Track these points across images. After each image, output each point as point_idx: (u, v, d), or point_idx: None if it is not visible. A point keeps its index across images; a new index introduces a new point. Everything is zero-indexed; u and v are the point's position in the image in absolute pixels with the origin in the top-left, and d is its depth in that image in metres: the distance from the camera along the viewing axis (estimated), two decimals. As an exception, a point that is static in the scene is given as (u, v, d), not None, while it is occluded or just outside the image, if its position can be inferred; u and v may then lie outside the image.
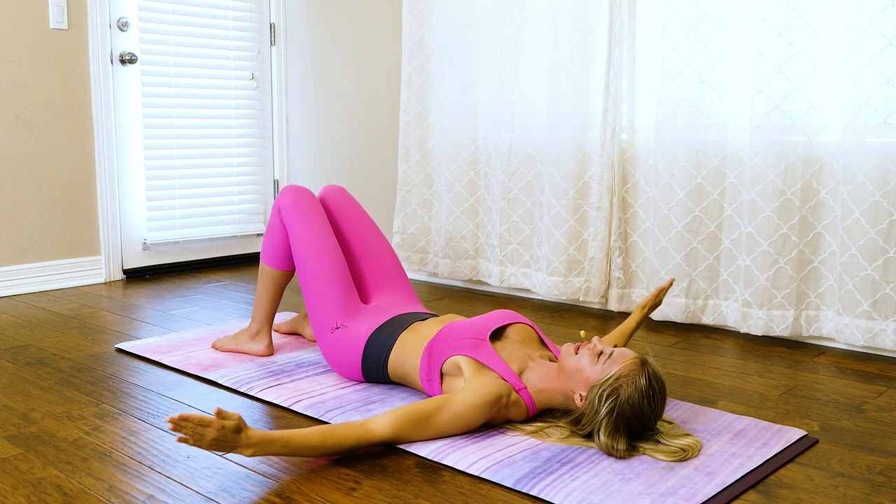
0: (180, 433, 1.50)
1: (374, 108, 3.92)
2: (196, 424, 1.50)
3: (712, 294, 2.86)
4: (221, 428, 1.53)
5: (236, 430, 1.54)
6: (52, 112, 3.50)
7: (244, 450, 1.57)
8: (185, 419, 1.49)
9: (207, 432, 1.51)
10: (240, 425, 1.55)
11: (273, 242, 2.37)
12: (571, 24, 3.05)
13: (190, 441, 1.51)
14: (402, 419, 1.73)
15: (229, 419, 1.53)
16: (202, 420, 1.51)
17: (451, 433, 1.79)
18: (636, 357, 1.74)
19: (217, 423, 1.52)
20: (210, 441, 1.52)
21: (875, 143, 2.44)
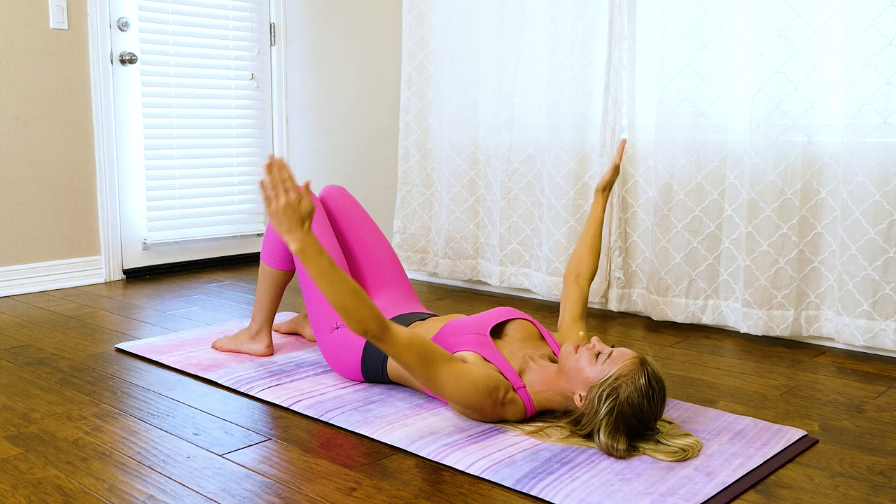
0: (268, 178, 1.60)
1: (374, 108, 3.92)
2: (285, 180, 1.60)
3: (712, 294, 2.86)
4: (298, 202, 1.61)
5: (307, 215, 1.63)
6: (52, 112, 3.50)
7: (297, 239, 1.63)
8: (281, 169, 1.61)
9: (287, 195, 1.60)
10: (310, 215, 1.63)
11: (273, 242, 2.37)
12: (571, 24, 3.05)
13: (265, 192, 1.61)
14: (417, 340, 1.73)
15: (309, 203, 1.62)
16: (289, 180, 1.61)
17: (443, 390, 1.78)
18: (635, 357, 1.74)
19: (297, 195, 1.61)
20: (282, 205, 1.61)
21: (875, 143, 2.44)
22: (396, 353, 1.72)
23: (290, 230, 1.62)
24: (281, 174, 1.61)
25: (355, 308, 1.65)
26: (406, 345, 1.71)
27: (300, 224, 1.63)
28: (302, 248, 1.63)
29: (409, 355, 1.72)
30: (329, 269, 1.64)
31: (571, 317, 2.17)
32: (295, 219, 1.62)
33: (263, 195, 1.61)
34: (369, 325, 1.67)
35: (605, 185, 2.30)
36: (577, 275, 2.22)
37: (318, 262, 1.64)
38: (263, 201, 1.62)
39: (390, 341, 1.70)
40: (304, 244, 1.63)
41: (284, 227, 1.62)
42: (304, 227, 1.63)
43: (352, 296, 1.65)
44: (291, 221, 1.62)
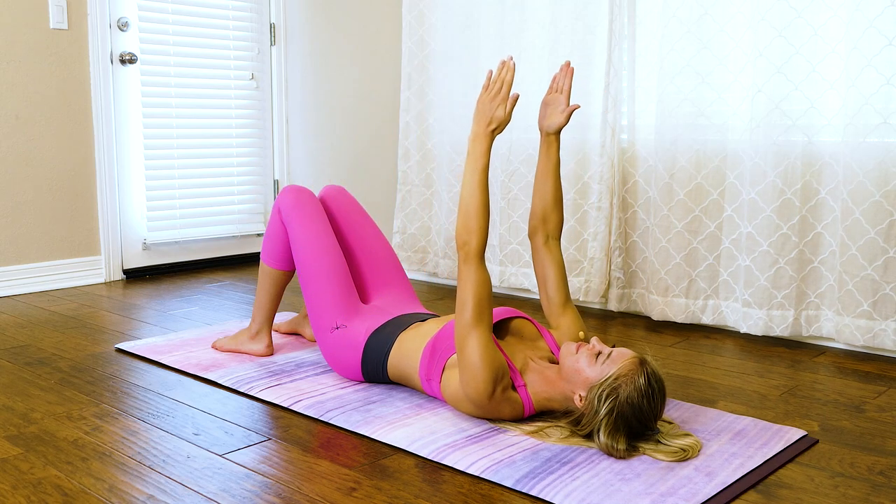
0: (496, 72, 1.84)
1: (374, 108, 3.92)
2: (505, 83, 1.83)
3: (712, 294, 2.86)
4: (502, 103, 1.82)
5: (497, 123, 1.83)
6: (52, 112, 3.50)
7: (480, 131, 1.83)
8: (509, 72, 1.83)
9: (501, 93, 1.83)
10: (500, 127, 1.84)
11: (273, 242, 2.37)
12: (571, 24, 3.05)
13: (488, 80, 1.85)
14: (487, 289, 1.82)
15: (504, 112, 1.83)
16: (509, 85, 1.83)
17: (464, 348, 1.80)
18: (635, 357, 1.74)
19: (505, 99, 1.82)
20: (493, 96, 1.83)
21: (875, 143, 2.44)
22: (467, 281, 1.80)
23: (481, 122, 1.83)
24: (505, 77, 1.82)
25: (477, 217, 1.80)
26: (479, 283, 1.80)
27: (488, 122, 1.82)
28: (476, 137, 1.82)
29: (473, 293, 1.80)
30: (482, 172, 1.81)
31: (560, 301, 2.07)
32: (491, 113, 1.82)
33: (484, 83, 1.84)
34: (474, 240, 1.81)
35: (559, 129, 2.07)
36: (546, 235, 2.08)
37: (481, 159, 1.82)
38: (482, 87, 1.84)
39: (472, 267, 1.80)
40: (481, 138, 1.82)
41: (480, 117, 1.83)
42: (490, 126, 1.82)
43: (482, 206, 1.80)
44: (488, 115, 1.82)
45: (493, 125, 1.83)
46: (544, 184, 2.08)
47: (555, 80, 2.09)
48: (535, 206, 2.10)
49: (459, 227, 1.81)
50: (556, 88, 2.08)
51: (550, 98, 2.07)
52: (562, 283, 2.07)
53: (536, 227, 2.09)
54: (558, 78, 2.08)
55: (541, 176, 2.09)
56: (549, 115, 2.07)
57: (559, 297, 2.07)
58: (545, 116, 2.07)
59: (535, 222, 2.10)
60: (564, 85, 2.07)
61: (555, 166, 2.08)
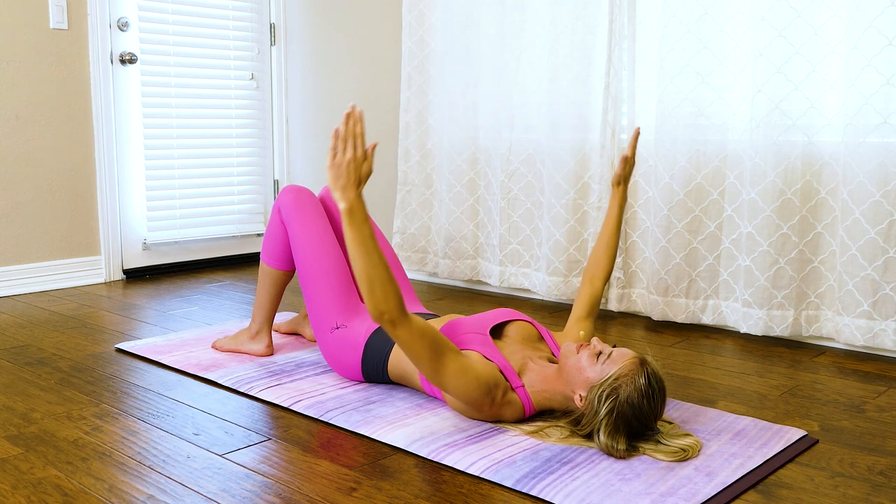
0: (342, 128, 1.61)
1: (374, 108, 3.92)
2: (354, 137, 1.62)
3: (712, 294, 2.86)
4: (362, 161, 1.62)
5: (365, 177, 1.64)
6: (52, 112, 3.50)
7: (349, 197, 1.63)
8: (357, 123, 1.62)
9: (355, 152, 1.62)
10: (367, 179, 1.65)
11: (273, 242, 2.37)
12: (571, 24, 3.05)
13: (335, 141, 1.62)
14: (430, 331, 1.73)
15: (369, 166, 1.64)
16: (361, 137, 1.62)
17: (445, 382, 1.78)
18: (635, 357, 1.74)
19: (363, 155, 1.63)
20: (348, 158, 1.62)
21: (875, 143, 2.44)
22: (409, 340, 1.71)
23: (346, 188, 1.63)
24: (355, 128, 1.62)
25: (381, 285, 1.66)
26: (420, 334, 1.72)
27: (356, 184, 1.64)
28: (351, 208, 1.64)
29: (420, 345, 1.72)
30: (369, 239, 1.65)
31: (577, 316, 2.16)
32: (353, 177, 1.63)
33: (332, 144, 1.62)
34: (390, 306, 1.67)
35: (618, 179, 2.19)
36: (593, 276, 2.19)
37: (362, 228, 1.65)
38: (329, 151, 1.62)
39: (405, 327, 1.70)
40: (355, 205, 1.64)
41: (341, 183, 1.63)
42: (358, 189, 1.64)
43: (382, 271, 1.66)
44: (350, 178, 1.63)
45: (362, 183, 1.66)
46: (601, 233, 2.21)
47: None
48: (593, 249, 2.23)
49: (370, 301, 1.66)
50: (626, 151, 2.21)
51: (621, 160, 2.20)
52: (590, 304, 2.16)
53: (589, 268, 2.20)
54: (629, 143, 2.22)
55: (602, 226, 2.22)
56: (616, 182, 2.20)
57: (583, 311, 2.15)
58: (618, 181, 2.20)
59: (589, 263, 2.21)
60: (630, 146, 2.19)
61: (613, 218, 2.20)
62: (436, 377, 1.78)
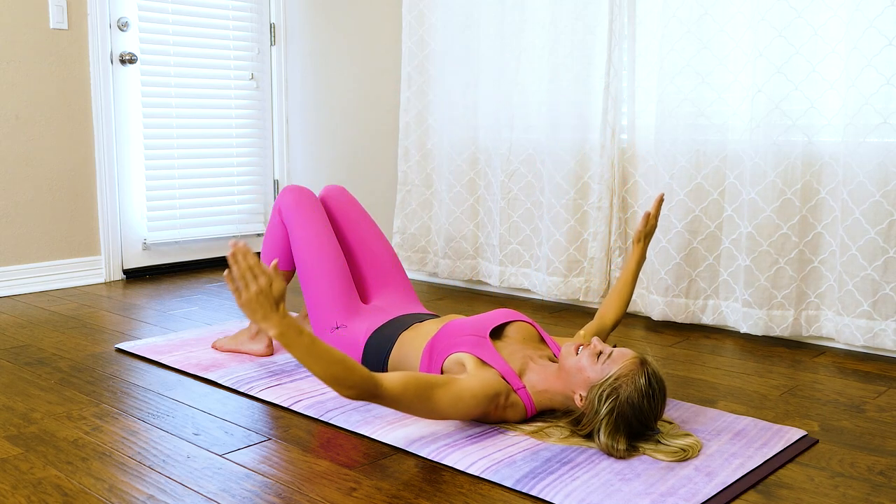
0: (234, 268, 1.50)
1: (374, 108, 3.92)
2: (249, 268, 1.49)
3: (712, 294, 2.86)
4: (268, 286, 1.50)
5: (279, 298, 1.52)
6: (52, 112, 3.50)
7: (274, 325, 1.53)
8: (245, 255, 1.50)
9: (258, 281, 1.50)
10: (282, 296, 1.53)
11: (273, 242, 2.37)
12: (571, 24, 3.05)
13: (232, 286, 1.50)
14: (411, 382, 1.69)
15: (280, 284, 1.52)
16: (256, 268, 1.50)
17: (446, 414, 1.77)
18: (636, 357, 1.74)
19: (267, 279, 1.51)
20: (253, 294, 1.50)
21: (875, 143, 2.44)
22: (395, 400, 1.68)
23: (266, 317, 1.53)
24: (247, 261, 1.50)
25: (345, 377, 1.59)
26: (401, 391, 1.68)
27: (275, 308, 1.53)
28: (281, 332, 1.54)
29: (406, 399, 1.70)
30: (312, 346, 1.57)
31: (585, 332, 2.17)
32: (269, 304, 1.52)
33: (231, 287, 1.51)
34: (362, 388, 1.62)
35: (639, 236, 2.23)
36: (604, 315, 2.22)
37: (300, 341, 1.56)
38: (232, 293, 1.51)
39: (385, 394, 1.66)
40: (283, 328, 1.54)
41: (259, 315, 1.52)
42: (279, 311, 1.53)
43: (339, 366, 1.59)
44: (266, 308, 1.52)
45: (280, 304, 1.55)
46: (617, 282, 2.24)
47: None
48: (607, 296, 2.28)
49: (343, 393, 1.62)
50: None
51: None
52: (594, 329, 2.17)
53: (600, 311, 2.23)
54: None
55: (619, 277, 2.25)
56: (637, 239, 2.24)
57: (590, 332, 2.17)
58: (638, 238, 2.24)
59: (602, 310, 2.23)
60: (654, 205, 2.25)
61: (630, 272, 2.23)
62: (435, 415, 1.76)
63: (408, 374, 1.71)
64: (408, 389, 1.69)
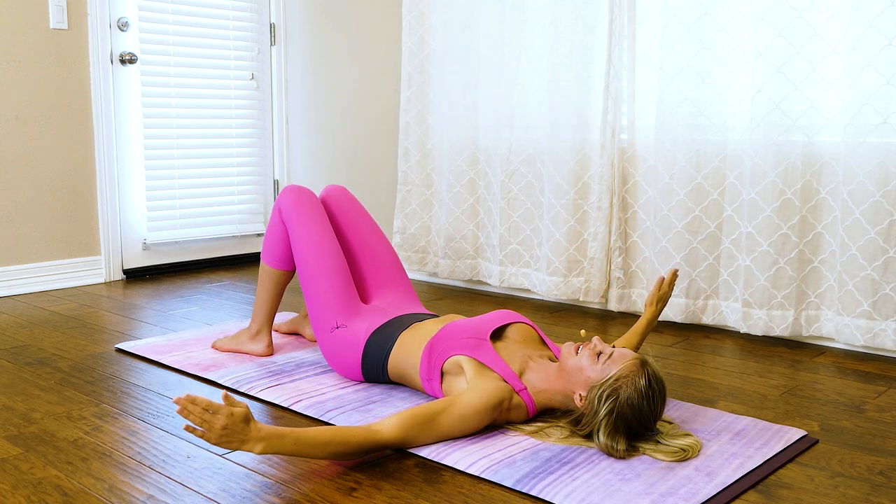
0: (187, 420, 1.46)
1: (374, 108, 3.92)
2: (203, 410, 1.46)
3: (712, 294, 2.86)
4: (230, 415, 1.47)
5: (245, 419, 1.49)
6: (52, 112, 3.50)
7: (254, 444, 1.51)
8: (193, 401, 1.45)
9: (216, 420, 1.46)
10: (248, 415, 1.50)
11: (274, 242, 2.37)
12: (571, 24, 3.05)
13: (198, 432, 1.46)
14: (409, 421, 1.70)
15: (238, 406, 1.49)
16: (210, 405, 1.46)
17: (455, 435, 1.78)
18: (636, 357, 1.74)
19: (226, 409, 1.47)
20: (220, 430, 1.47)
21: (875, 143, 2.44)
22: (402, 443, 1.70)
23: (244, 441, 1.50)
24: (196, 405, 1.46)
25: (344, 451, 1.61)
26: (404, 433, 1.69)
27: (247, 431, 1.50)
28: (265, 446, 1.52)
29: (412, 436, 1.71)
30: (300, 440, 1.55)
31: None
32: (239, 431, 1.49)
33: (197, 434, 1.47)
34: (365, 450, 1.65)
35: (652, 300, 2.22)
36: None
37: (286, 443, 1.54)
38: (200, 437, 1.47)
39: (389, 440, 1.67)
40: (265, 443, 1.52)
41: (236, 445, 1.50)
42: (253, 429, 1.51)
43: (333, 445, 1.59)
44: (239, 436, 1.50)
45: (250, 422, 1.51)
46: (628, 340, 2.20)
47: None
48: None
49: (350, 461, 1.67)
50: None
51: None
52: None
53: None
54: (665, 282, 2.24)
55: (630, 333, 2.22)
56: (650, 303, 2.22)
57: None
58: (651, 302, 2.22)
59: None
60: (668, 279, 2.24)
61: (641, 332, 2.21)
62: (447, 438, 1.77)
63: (405, 413, 1.71)
64: (410, 429, 1.70)
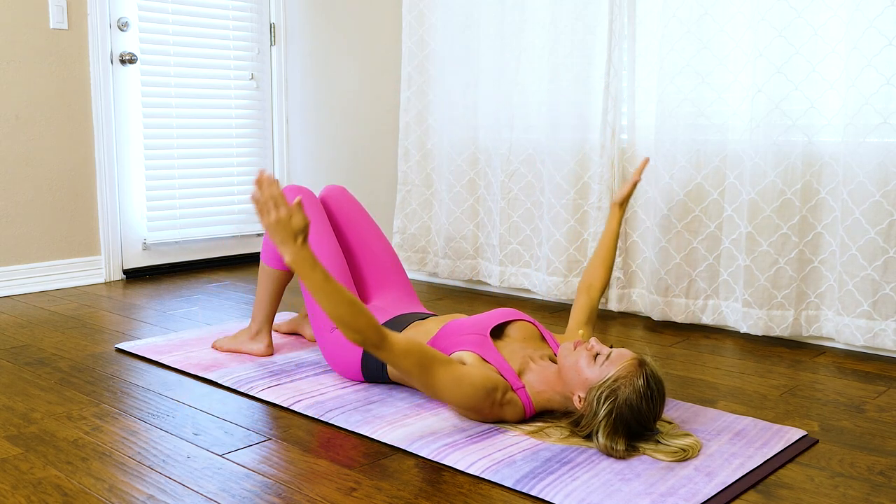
0: (258, 194, 1.61)
1: (374, 108, 3.92)
2: (275, 197, 1.61)
3: (712, 294, 2.86)
4: (288, 218, 1.62)
5: (299, 229, 1.63)
6: (52, 112, 3.50)
7: (289, 250, 1.64)
8: (272, 185, 1.61)
9: (277, 212, 1.61)
10: (304, 230, 1.63)
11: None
12: (571, 24, 3.05)
13: (257, 207, 1.62)
14: (415, 348, 1.73)
15: (301, 219, 1.63)
16: (279, 198, 1.61)
17: (441, 394, 1.78)
18: (635, 358, 1.74)
19: (287, 211, 1.62)
20: (273, 221, 1.62)
21: (875, 143, 2.44)
22: (395, 360, 1.71)
23: (283, 242, 1.64)
24: (270, 191, 1.62)
25: (352, 318, 1.65)
26: (404, 351, 1.71)
27: (293, 238, 1.64)
28: (294, 260, 1.64)
29: (407, 361, 1.72)
30: (324, 283, 1.64)
31: (576, 322, 2.21)
32: (287, 233, 1.63)
33: (256, 209, 1.63)
34: (367, 335, 1.67)
35: (622, 200, 2.33)
36: (589, 286, 2.28)
37: (313, 275, 1.64)
38: (257, 213, 1.64)
39: (388, 349, 1.69)
40: (298, 257, 1.64)
41: (277, 240, 1.64)
42: (297, 241, 1.64)
43: (348, 307, 1.65)
44: (284, 235, 1.63)
45: (299, 236, 1.64)
46: (599, 247, 2.31)
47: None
48: (589, 262, 2.33)
49: (347, 335, 1.68)
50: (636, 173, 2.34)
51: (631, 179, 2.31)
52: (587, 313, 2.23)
53: (584, 280, 2.30)
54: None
55: (600, 241, 2.32)
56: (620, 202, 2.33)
57: (582, 318, 2.22)
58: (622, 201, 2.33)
59: (585, 275, 2.31)
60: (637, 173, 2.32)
61: (612, 234, 2.31)
62: (430, 390, 1.78)
63: (416, 341, 1.75)
64: (411, 353, 1.72)
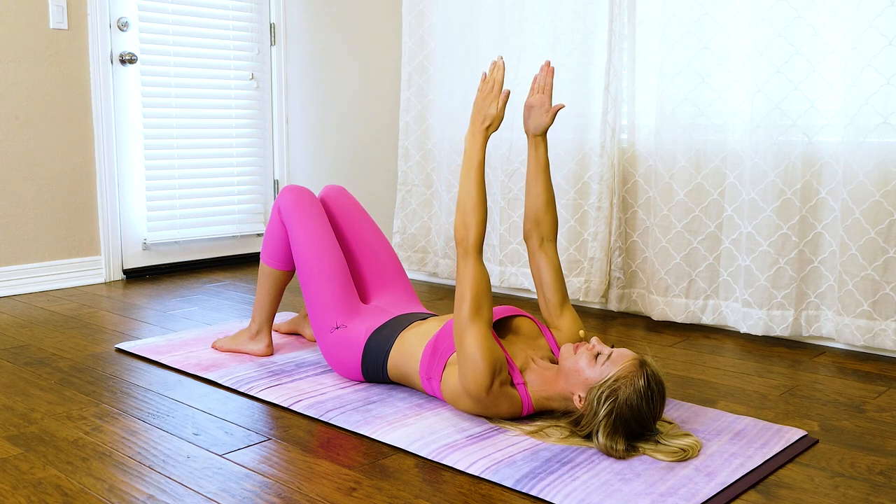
0: (488, 75, 1.90)
1: (374, 108, 3.92)
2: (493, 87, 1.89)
3: (712, 294, 2.86)
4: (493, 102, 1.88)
5: (491, 121, 1.88)
6: (52, 112, 3.50)
7: (474, 130, 1.89)
8: (500, 70, 1.89)
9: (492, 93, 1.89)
10: (495, 125, 1.89)
11: (273, 242, 2.37)
12: (571, 24, 3.05)
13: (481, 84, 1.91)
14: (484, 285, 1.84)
15: (497, 112, 1.88)
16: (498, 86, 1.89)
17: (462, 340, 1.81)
18: (635, 358, 1.73)
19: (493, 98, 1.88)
20: (480, 97, 1.89)
21: (875, 143, 2.44)
22: (464, 277, 1.83)
23: (473, 121, 1.89)
24: (495, 76, 1.89)
25: (469, 211, 1.85)
26: (476, 279, 1.83)
27: (482, 121, 1.88)
28: (470, 135, 1.88)
29: (470, 287, 1.82)
30: (477, 168, 1.86)
31: (558, 302, 2.08)
32: (483, 113, 1.88)
33: (481, 83, 1.90)
34: (468, 235, 1.85)
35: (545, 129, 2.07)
36: (541, 238, 2.09)
37: (473, 157, 1.87)
38: (482, 87, 1.90)
39: (468, 265, 1.84)
40: (474, 135, 1.88)
41: (473, 117, 1.90)
42: (483, 124, 1.88)
43: (473, 201, 1.85)
44: (479, 118, 1.88)
45: (487, 122, 1.88)
46: (535, 186, 2.09)
47: (535, 81, 2.10)
48: (528, 209, 2.11)
49: (457, 222, 1.86)
50: (538, 89, 2.09)
51: (533, 100, 2.08)
52: (558, 284, 2.08)
53: (530, 231, 2.10)
54: (539, 78, 2.09)
55: (531, 178, 2.10)
56: (533, 117, 2.08)
57: (556, 298, 2.09)
58: (529, 118, 2.08)
59: (528, 225, 2.11)
60: (546, 84, 2.08)
61: (544, 168, 2.09)
62: (462, 332, 1.81)
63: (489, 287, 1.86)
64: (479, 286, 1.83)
